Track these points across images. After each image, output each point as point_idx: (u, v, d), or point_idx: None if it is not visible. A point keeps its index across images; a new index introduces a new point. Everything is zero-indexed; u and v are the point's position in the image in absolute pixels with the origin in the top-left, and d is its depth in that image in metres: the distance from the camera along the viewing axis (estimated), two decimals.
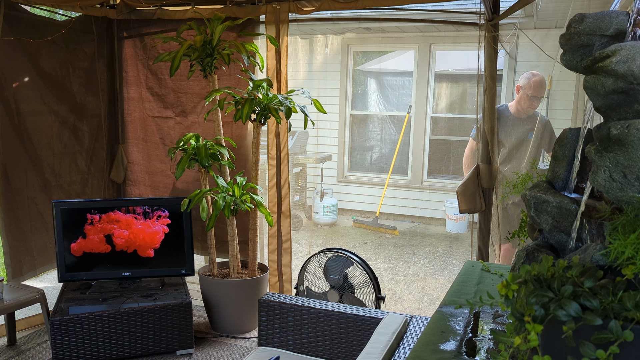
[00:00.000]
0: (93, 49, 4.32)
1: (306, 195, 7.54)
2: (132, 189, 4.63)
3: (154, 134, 4.46)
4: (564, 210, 1.19)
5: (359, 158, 8.11)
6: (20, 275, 3.83)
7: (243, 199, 3.56)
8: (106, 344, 3.20)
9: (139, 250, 3.65)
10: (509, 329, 0.86)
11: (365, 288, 3.31)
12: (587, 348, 0.77)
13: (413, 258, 5.93)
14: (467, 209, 3.42)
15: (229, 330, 3.77)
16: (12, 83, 3.75)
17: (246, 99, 3.43)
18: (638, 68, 0.96)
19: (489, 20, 3.53)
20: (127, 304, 3.36)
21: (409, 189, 7.61)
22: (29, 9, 3.93)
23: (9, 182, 3.75)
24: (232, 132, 4.16)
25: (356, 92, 7.99)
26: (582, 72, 1.13)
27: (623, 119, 1.03)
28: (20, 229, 3.84)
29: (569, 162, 1.30)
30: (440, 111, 7.51)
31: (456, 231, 7.02)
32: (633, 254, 0.86)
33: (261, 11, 3.81)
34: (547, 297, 0.83)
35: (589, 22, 1.14)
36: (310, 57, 7.61)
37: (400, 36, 7.36)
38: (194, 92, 4.27)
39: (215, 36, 3.50)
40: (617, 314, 0.79)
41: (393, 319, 2.17)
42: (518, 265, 1.23)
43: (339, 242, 6.50)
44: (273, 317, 2.67)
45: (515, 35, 6.32)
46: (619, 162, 0.99)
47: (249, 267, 3.83)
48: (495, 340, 1.23)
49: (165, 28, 4.27)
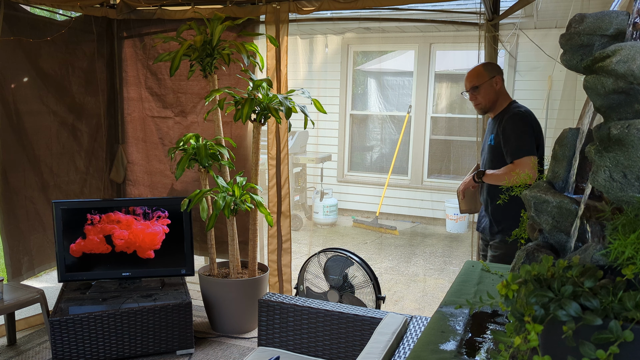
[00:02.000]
0: (93, 49, 4.31)
1: (306, 195, 7.54)
2: (132, 189, 4.63)
3: (153, 134, 4.46)
4: (564, 210, 1.19)
5: (359, 158, 8.11)
6: (20, 275, 3.83)
7: (243, 199, 3.56)
8: (106, 344, 3.20)
9: (139, 251, 3.65)
10: (509, 329, 0.86)
11: (365, 288, 3.31)
12: (587, 348, 0.77)
13: (413, 258, 5.93)
14: (467, 209, 3.41)
15: (229, 330, 3.77)
16: (12, 83, 3.75)
17: (246, 99, 3.43)
18: (638, 68, 0.96)
19: (489, 20, 3.53)
20: (127, 304, 3.36)
21: (409, 189, 7.61)
22: (29, 9, 3.93)
23: (8, 182, 3.74)
24: (232, 132, 4.16)
25: (356, 92, 7.99)
26: (582, 72, 1.13)
27: (623, 119, 1.03)
28: (19, 229, 3.84)
29: (569, 162, 1.30)
30: (441, 111, 7.51)
31: (456, 231, 7.01)
32: (633, 254, 0.86)
33: (261, 11, 3.81)
34: (547, 297, 0.83)
35: (589, 22, 1.14)
36: (310, 57, 7.61)
37: (400, 36, 7.36)
38: (193, 92, 4.27)
39: (215, 36, 3.50)
40: (617, 314, 0.79)
41: (393, 319, 2.17)
42: (518, 265, 1.23)
43: (339, 242, 6.50)
44: (273, 317, 2.66)
45: (516, 35, 6.33)
46: (619, 162, 0.99)
47: (249, 267, 3.83)
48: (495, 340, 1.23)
49: (165, 28, 4.27)
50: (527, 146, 2.74)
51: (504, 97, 2.99)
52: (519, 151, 2.73)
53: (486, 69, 2.97)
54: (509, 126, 2.81)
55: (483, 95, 2.96)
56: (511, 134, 2.79)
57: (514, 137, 2.77)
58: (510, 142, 2.79)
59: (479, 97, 2.97)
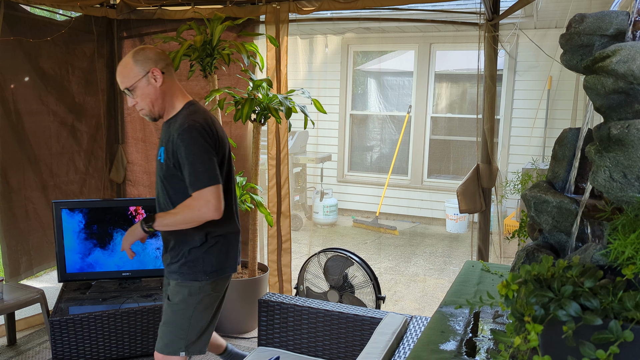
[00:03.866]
0: (93, 49, 4.31)
1: (306, 195, 7.54)
2: (132, 189, 4.63)
3: (152, 134, 4.46)
4: (564, 210, 1.19)
5: (359, 158, 8.11)
6: (18, 275, 3.83)
7: (243, 199, 3.56)
8: (106, 344, 3.20)
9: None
10: (509, 329, 0.86)
11: (365, 288, 3.31)
12: (587, 348, 0.77)
13: (413, 258, 5.93)
14: (467, 209, 3.42)
15: (229, 330, 3.77)
16: (11, 83, 3.75)
17: (246, 99, 3.43)
18: (638, 68, 0.96)
19: (489, 20, 3.53)
20: (127, 304, 3.36)
21: (409, 189, 7.61)
22: (29, 9, 3.93)
23: (7, 181, 3.75)
24: (231, 132, 4.17)
25: (356, 92, 8.00)
26: (582, 72, 1.13)
27: (623, 119, 1.03)
28: (18, 229, 3.84)
29: (569, 162, 1.30)
30: (440, 111, 7.51)
31: (456, 231, 7.02)
32: (633, 253, 0.86)
33: (261, 11, 3.81)
34: (547, 297, 0.83)
35: (589, 22, 1.14)
36: (310, 57, 7.62)
37: (400, 36, 7.36)
38: (193, 92, 4.27)
39: (215, 36, 3.50)
40: (617, 314, 0.79)
41: (393, 319, 2.17)
42: (518, 265, 1.23)
43: (339, 242, 6.50)
44: (273, 317, 2.66)
45: (515, 35, 6.33)
46: (619, 162, 0.99)
47: (249, 267, 3.83)
48: (495, 340, 1.23)
49: (165, 28, 4.27)
50: (209, 172, 2.09)
51: (176, 96, 2.24)
52: (198, 181, 2.08)
53: (137, 61, 2.15)
54: (182, 145, 2.10)
55: (142, 98, 2.18)
56: (186, 157, 2.10)
57: (190, 160, 2.09)
58: (186, 167, 2.11)
59: (139, 100, 2.19)
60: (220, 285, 2.36)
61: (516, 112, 6.78)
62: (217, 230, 2.28)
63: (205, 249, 2.26)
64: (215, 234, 2.28)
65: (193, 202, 2.10)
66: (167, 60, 2.22)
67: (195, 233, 2.24)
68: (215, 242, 2.28)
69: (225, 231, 2.32)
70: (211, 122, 2.19)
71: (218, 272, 2.30)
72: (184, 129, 2.11)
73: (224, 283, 2.38)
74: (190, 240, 2.26)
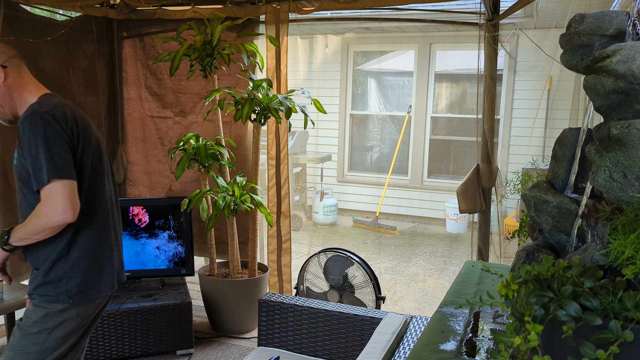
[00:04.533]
0: (93, 49, 4.31)
1: (306, 195, 7.54)
2: (132, 189, 4.63)
3: (152, 134, 4.47)
4: (564, 210, 1.19)
5: (359, 158, 8.11)
6: (19, 275, 3.83)
7: (243, 199, 3.56)
8: (106, 344, 3.20)
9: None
10: (509, 329, 0.86)
11: (365, 288, 3.31)
12: (587, 348, 0.77)
13: (413, 258, 5.93)
14: (467, 209, 3.42)
15: (229, 330, 3.77)
16: None
17: (246, 99, 3.43)
18: (638, 68, 0.96)
19: (489, 20, 3.53)
20: (127, 304, 3.36)
21: (409, 189, 7.61)
22: (29, 9, 3.93)
23: (8, 182, 3.74)
24: (231, 132, 4.16)
25: (356, 92, 8.00)
26: (582, 72, 1.13)
27: (623, 119, 1.03)
28: None
29: (569, 162, 1.30)
30: (440, 111, 7.51)
31: (456, 231, 7.02)
32: (633, 253, 0.86)
33: (261, 11, 3.81)
34: (547, 297, 0.83)
35: (589, 22, 1.14)
36: (310, 57, 7.62)
37: (400, 36, 7.36)
38: (193, 92, 4.28)
39: (215, 36, 3.50)
40: (617, 314, 0.79)
41: (393, 319, 2.17)
42: (518, 265, 1.23)
43: (339, 242, 6.50)
44: (273, 317, 2.67)
45: (515, 35, 6.33)
46: (619, 162, 0.99)
47: (249, 267, 3.83)
48: (495, 340, 1.23)
49: (165, 28, 4.27)
50: (54, 163, 1.79)
51: (28, 90, 1.99)
52: (40, 174, 1.79)
53: None
54: (24, 135, 1.84)
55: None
56: (28, 148, 1.82)
57: (32, 152, 1.81)
58: (29, 160, 1.83)
59: None
60: (88, 310, 1.93)
61: (516, 112, 6.78)
62: (83, 241, 1.90)
63: (70, 265, 1.88)
64: (80, 245, 1.90)
65: (40, 206, 1.81)
66: (10, 53, 1.97)
67: (52, 244, 1.88)
68: (80, 256, 1.89)
69: (95, 241, 1.93)
70: (66, 109, 1.91)
71: (85, 294, 1.89)
72: (24, 117, 1.85)
73: (94, 306, 1.96)
74: (47, 253, 1.90)
